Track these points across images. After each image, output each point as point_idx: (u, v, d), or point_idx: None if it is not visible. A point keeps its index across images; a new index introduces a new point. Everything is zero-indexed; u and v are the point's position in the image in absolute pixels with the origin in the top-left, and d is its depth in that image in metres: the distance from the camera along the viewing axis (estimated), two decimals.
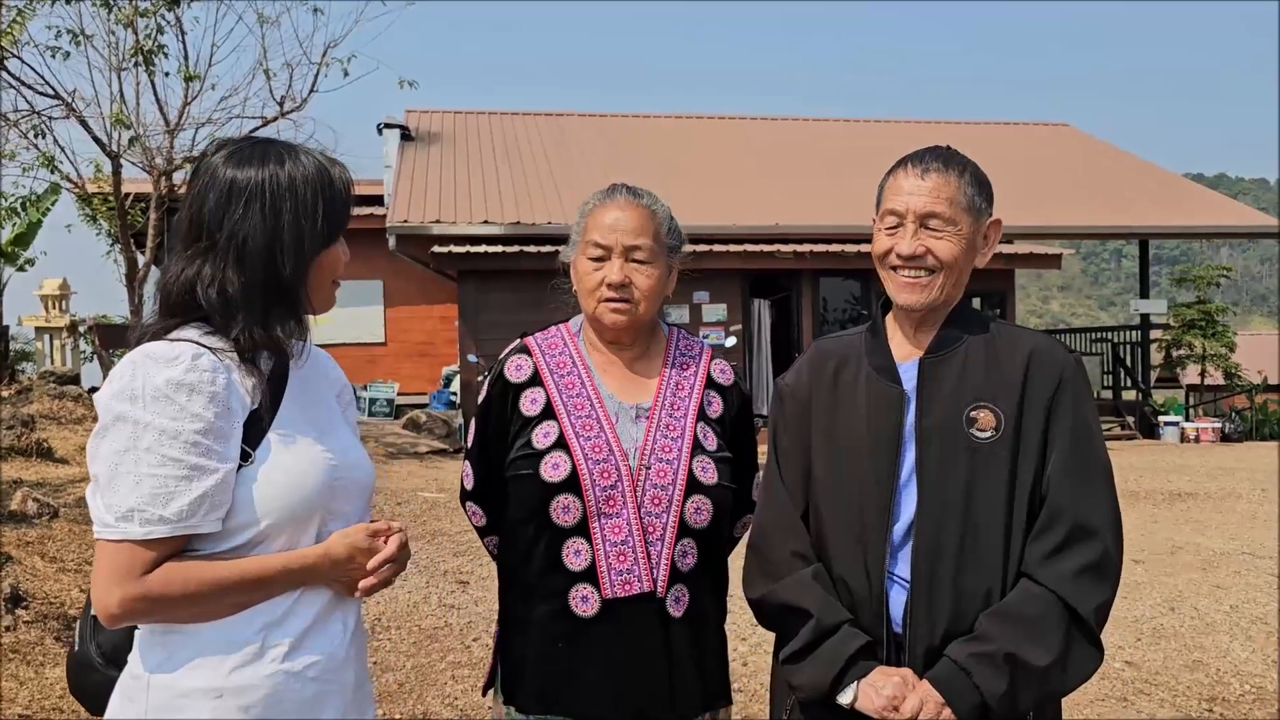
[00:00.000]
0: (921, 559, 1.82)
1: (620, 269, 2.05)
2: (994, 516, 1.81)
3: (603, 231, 2.07)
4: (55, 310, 16.78)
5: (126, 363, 1.50)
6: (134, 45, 11.54)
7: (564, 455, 1.98)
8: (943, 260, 1.89)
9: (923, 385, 1.90)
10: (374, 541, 1.64)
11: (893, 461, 1.87)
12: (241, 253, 1.55)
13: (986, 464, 1.83)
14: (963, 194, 1.90)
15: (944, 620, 1.80)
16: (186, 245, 1.59)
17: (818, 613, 1.85)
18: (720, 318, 14.77)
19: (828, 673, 1.82)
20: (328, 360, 1.84)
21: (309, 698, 1.57)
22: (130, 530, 1.44)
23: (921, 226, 1.90)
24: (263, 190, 1.56)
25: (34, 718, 3.75)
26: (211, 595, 1.49)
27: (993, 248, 1.99)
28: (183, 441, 1.45)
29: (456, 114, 20.27)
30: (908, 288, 1.92)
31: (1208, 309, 18.63)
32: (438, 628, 5.38)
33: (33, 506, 6.36)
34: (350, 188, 1.66)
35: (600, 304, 2.07)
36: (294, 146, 1.65)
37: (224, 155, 1.61)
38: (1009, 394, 1.86)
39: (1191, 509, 9.13)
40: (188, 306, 1.56)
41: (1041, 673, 1.73)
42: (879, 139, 20.15)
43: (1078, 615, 1.75)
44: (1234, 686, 4.70)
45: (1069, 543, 1.79)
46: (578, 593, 1.96)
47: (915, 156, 1.95)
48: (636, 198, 2.11)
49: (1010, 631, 1.74)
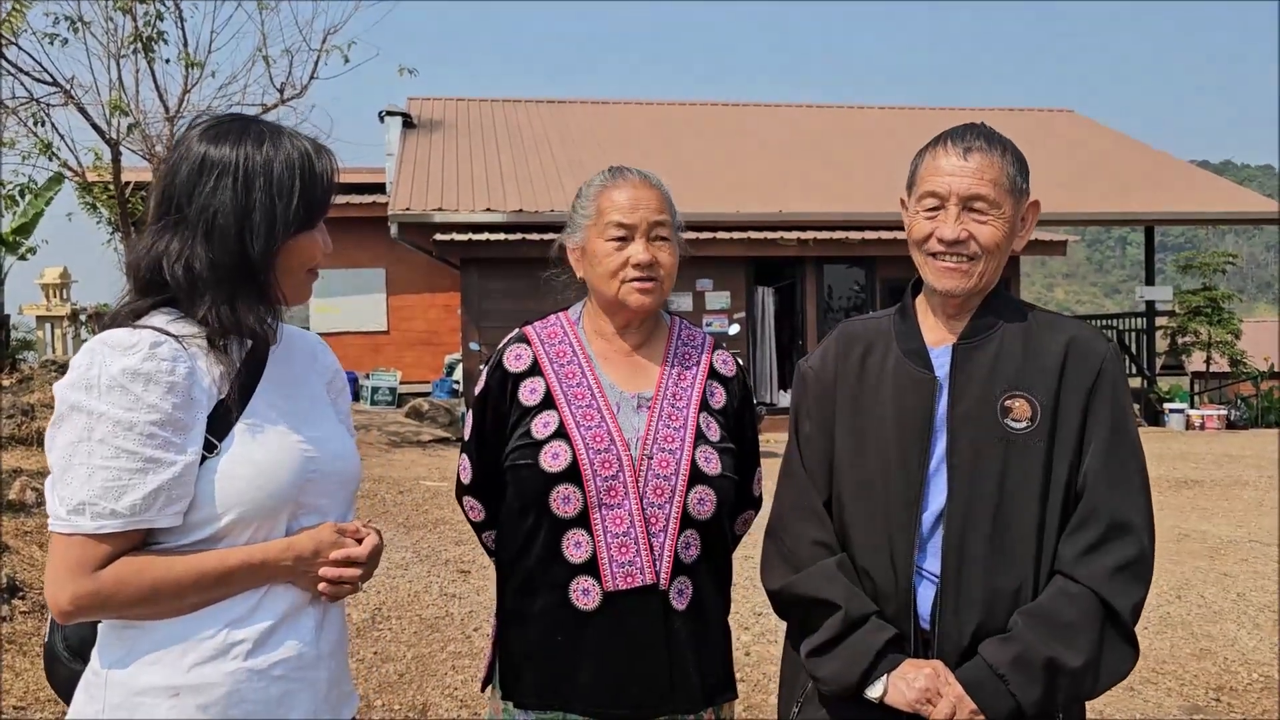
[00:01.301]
0: (951, 553, 1.76)
1: (645, 248, 2.00)
2: (1027, 510, 1.75)
3: (624, 211, 2.01)
4: (56, 299, 16.75)
5: (85, 350, 1.44)
6: (133, 32, 11.47)
7: (564, 445, 1.93)
8: (986, 246, 1.80)
9: (956, 371, 1.82)
10: (340, 539, 1.57)
11: (922, 450, 1.80)
12: (210, 228, 1.49)
13: (1021, 455, 1.76)
14: (1005, 175, 1.80)
15: (974, 617, 1.74)
16: (156, 219, 1.52)
17: (845, 604, 1.79)
18: (724, 305, 14.71)
19: (856, 666, 1.76)
20: (318, 345, 1.77)
21: (274, 697, 1.50)
22: (81, 524, 1.39)
23: (965, 209, 1.80)
24: (236, 166, 1.50)
25: (30, 709, 3.71)
26: (168, 592, 1.43)
27: (1030, 230, 1.89)
28: (137, 433, 1.40)
29: (459, 101, 20.20)
30: (948, 273, 1.82)
31: (1213, 296, 18.55)
32: (439, 617, 5.34)
33: (31, 496, 6.33)
34: (334, 175, 1.58)
35: (624, 285, 2.01)
36: (279, 127, 1.59)
37: (200, 129, 1.55)
38: (1045, 383, 1.79)
39: (1198, 496, 9.08)
40: (156, 285, 1.50)
41: (1077, 674, 1.68)
42: (882, 126, 20.07)
43: (1114, 613, 1.70)
44: (1241, 675, 4.66)
45: (1106, 539, 1.73)
46: (578, 585, 1.92)
47: (955, 134, 1.84)
48: (646, 176, 2.07)
49: (1048, 634, 1.69)
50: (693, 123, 19.93)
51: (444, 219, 14.52)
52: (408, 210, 14.49)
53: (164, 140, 12.03)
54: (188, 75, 12.04)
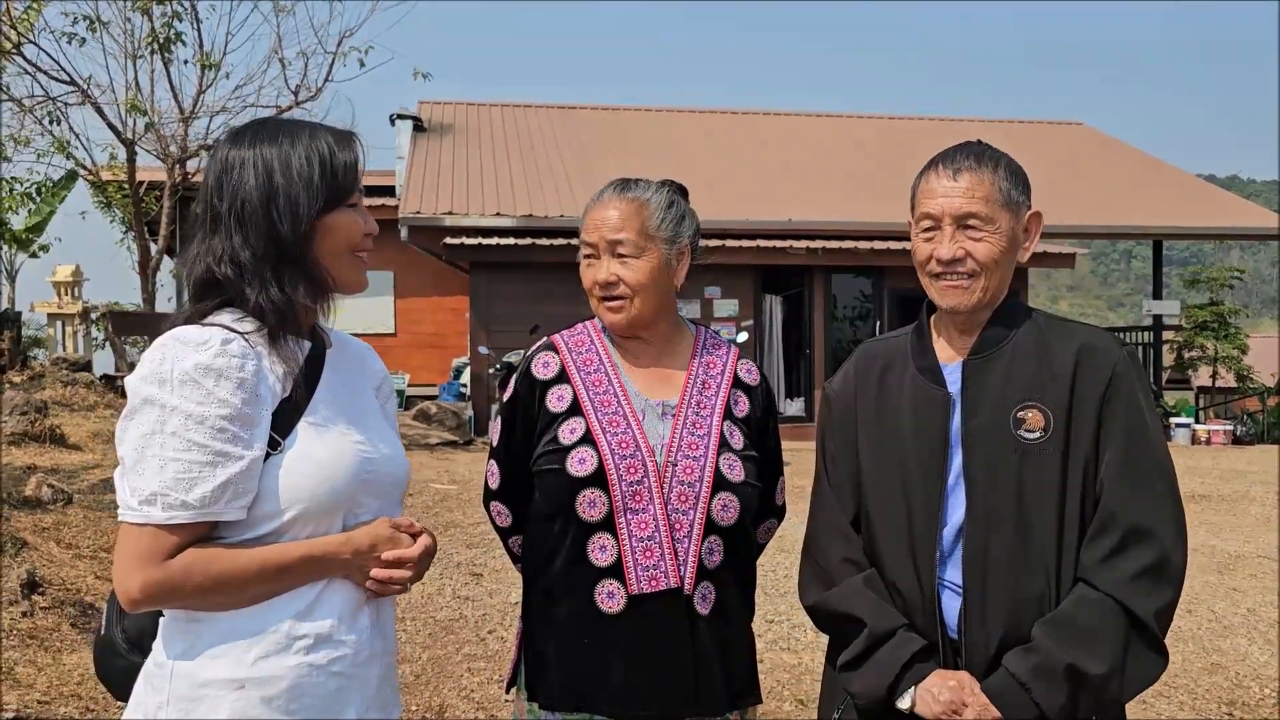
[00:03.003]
0: (973, 565, 1.79)
1: (607, 266, 2.04)
2: (1045, 519, 1.78)
3: (588, 231, 2.08)
4: (68, 297, 16.80)
5: (157, 346, 1.48)
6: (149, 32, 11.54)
7: (590, 450, 1.97)
8: (983, 262, 1.84)
9: (967, 388, 1.86)
10: (396, 534, 1.62)
11: (939, 465, 1.84)
12: (241, 216, 1.54)
13: (1036, 465, 1.79)
14: (998, 190, 1.84)
15: (999, 626, 1.77)
16: (200, 228, 1.59)
17: (870, 620, 1.83)
18: (732, 313, 14.74)
19: (884, 679, 1.80)
20: (368, 352, 1.82)
21: (331, 692, 1.54)
22: (153, 514, 1.43)
23: (960, 228, 1.84)
24: (257, 158, 1.56)
25: (54, 703, 3.74)
26: (233, 583, 1.47)
27: (1034, 241, 1.92)
28: (209, 427, 1.44)
29: (469, 105, 20.25)
30: (950, 291, 1.87)
31: (1220, 310, 18.54)
32: (453, 620, 5.37)
33: (47, 492, 6.36)
34: (358, 154, 1.63)
35: (599, 303, 2.08)
36: (296, 121, 1.65)
37: (225, 139, 1.62)
38: (1058, 392, 1.81)
39: (1205, 511, 9.09)
40: (212, 287, 1.56)
41: (1100, 681, 1.70)
42: (893, 135, 20.09)
43: (1138, 620, 1.72)
44: (1253, 690, 4.68)
45: (1125, 545, 1.74)
46: (604, 588, 1.95)
47: (946, 156, 1.89)
48: (624, 191, 2.09)
49: (1067, 641, 1.71)
50: (702, 130, 19.96)
51: (454, 223, 14.56)
52: (418, 213, 14.53)
53: (178, 141, 12.10)
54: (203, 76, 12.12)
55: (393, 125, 17.76)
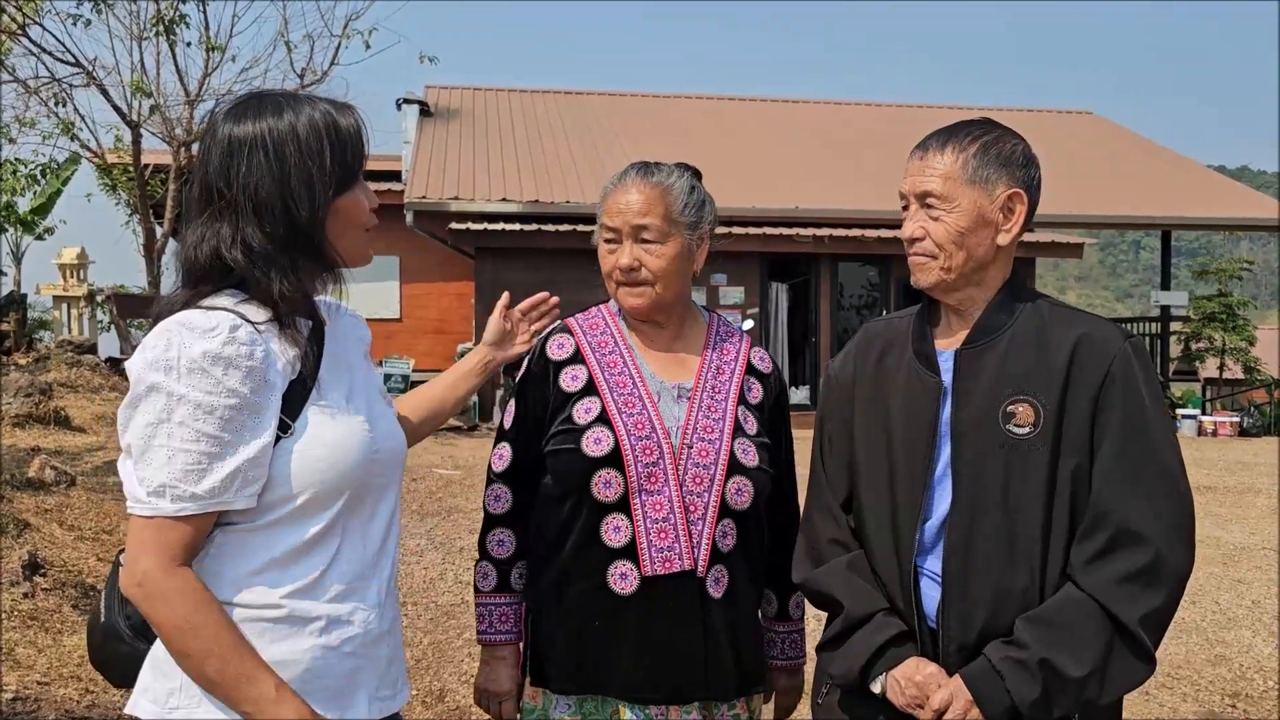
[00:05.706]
0: (953, 557, 1.76)
1: (630, 251, 2.03)
2: (1031, 515, 1.72)
3: (611, 214, 2.06)
4: (73, 279, 16.83)
5: (161, 330, 1.44)
6: (155, 14, 11.51)
7: (606, 430, 1.96)
8: (938, 242, 1.79)
9: (959, 378, 1.80)
10: None
11: (927, 456, 1.80)
12: (256, 204, 1.50)
13: (1024, 461, 1.73)
14: (963, 167, 1.78)
15: (979, 620, 1.74)
16: (201, 210, 1.53)
17: (848, 603, 1.83)
18: (738, 300, 14.71)
19: (856, 663, 1.79)
20: (355, 317, 1.77)
21: (345, 672, 1.53)
22: (162, 506, 1.41)
23: (922, 206, 1.83)
24: (264, 139, 1.50)
25: (54, 684, 3.75)
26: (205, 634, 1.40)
27: (1019, 222, 1.81)
28: (217, 417, 1.41)
29: (476, 90, 20.18)
30: (916, 268, 1.86)
31: (1229, 302, 18.45)
32: (454, 604, 5.37)
33: (50, 474, 6.37)
34: (360, 128, 1.59)
35: (618, 287, 2.07)
36: (293, 94, 1.60)
37: (222, 113, 1.56)
38: (1051, 385, 1.74)
39: (1210, 503, 9.07)
40: (217, 272, 1.51)
41: (1078, 683, 1.66)
42: (900, 123, 19.98)
43: (1121, 624, 1.66)
44: (1257, 682, 4.66)
45: (1113, 547, 1.69)
46: (616, 569, 1.94)
47: (925, 138, 1.87)
48: (648, 175, 2.07)
49: (1046, 637, 1.67)
50: (709, 116, 19.90)
51: (460, 208, 14.54)
52: (424, 198, 14.51)
53: (184, 123, 12.08)
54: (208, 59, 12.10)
55: (399, 110, 17.71)
